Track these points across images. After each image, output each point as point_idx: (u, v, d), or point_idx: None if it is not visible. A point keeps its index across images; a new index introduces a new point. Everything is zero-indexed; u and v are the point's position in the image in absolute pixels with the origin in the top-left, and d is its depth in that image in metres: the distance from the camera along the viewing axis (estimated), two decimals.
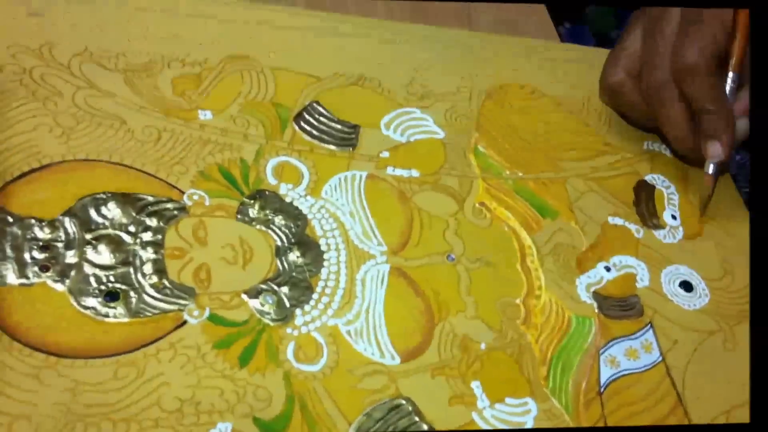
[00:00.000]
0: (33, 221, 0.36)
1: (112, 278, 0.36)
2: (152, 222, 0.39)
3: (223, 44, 0.49)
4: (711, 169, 0.49)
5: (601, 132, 0.54)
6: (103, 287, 0.36)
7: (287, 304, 0.38)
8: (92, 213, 0.38)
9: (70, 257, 0.36)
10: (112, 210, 0.39)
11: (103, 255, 0.37)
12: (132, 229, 0.38)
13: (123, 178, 0.40)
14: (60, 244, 0.36)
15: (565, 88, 0.56)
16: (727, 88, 0.49)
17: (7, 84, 0.41)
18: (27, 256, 0.35)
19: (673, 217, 0.50)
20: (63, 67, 0.43)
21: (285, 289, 0.39)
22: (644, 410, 0.41)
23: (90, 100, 0.43)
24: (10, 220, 0.36)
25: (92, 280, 0.36)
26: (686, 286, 0.47)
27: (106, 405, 0.33)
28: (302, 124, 0.47)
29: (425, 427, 0.37)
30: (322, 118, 0.48)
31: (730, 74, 0.49)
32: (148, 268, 0.37)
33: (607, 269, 0.45)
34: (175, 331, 0.36)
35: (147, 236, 0.38)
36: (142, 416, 0.33)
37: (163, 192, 0.41)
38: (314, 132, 0.47)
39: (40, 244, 0.36)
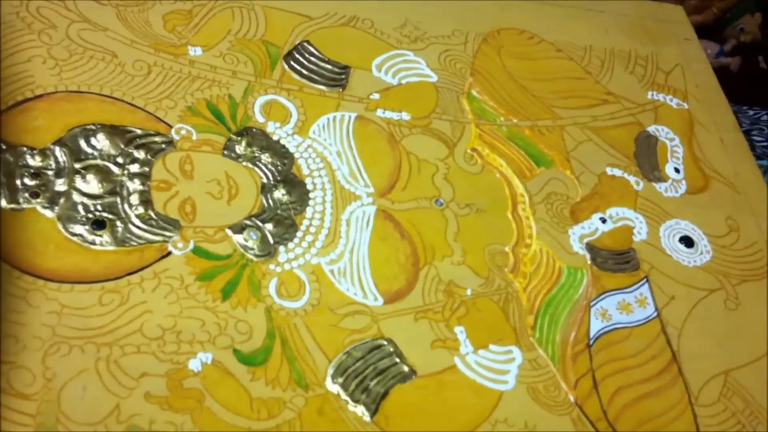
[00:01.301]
0: (25, 149, 0.41)
1: (99, 207, 0.41)
2: (140, 154, 0.43)
3: None
4: None
5: (602, 80, 0.57)
6: (90, 215, 0.40)
7: (271, 241, 0.42)
8: (82, 143, 0.42)
9: (60, 185, 0.41)
10: (101, 141, 0.43)
11: (92, 184, 0.41)
12: (120, 160, 0.43)
13: (113, 110, 0.44)
14: (50, 172, 0.41)
15: (565, 33, 0.59)
16: None
17: (4, 16, 0.46)
18: (18, 182, 0.40)
19: (677, 171, 0.54)
20: (58, 1, 0.47)
21: (269, 226, 0.43)
22: (635, 366, 0.45)
23: (83, 33, 0.47)
24: (3, 147, 0.40)
25: (80, 207, 0.40)
26: (687, 241, 0.50)
27: (90, 329, 0.37)
28: (292, 63, 0.51)
29: (406, 369, 0.41)
30: (312, 58, 0.52)
31: None
32: (134, 198, 0.42)
33: (603, 221, 0.50)
34: (159, 261, 0.40)
35: (134, 168, 0.43)
36: (124, 342, 0.38)
37: (152, 125, 0.45)
38: (304, 71, 0.51)
39: (31, 171, 0.40)
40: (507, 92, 0.54)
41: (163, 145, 0.44)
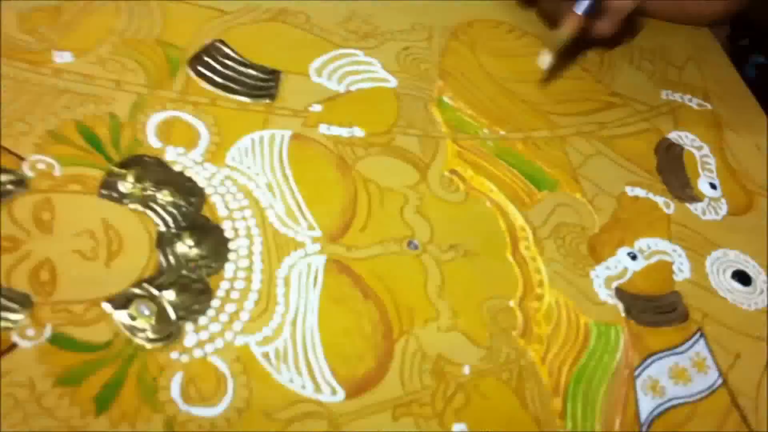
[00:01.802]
0: None
1: None
2: None
3: None
4: (580, 8, 0.41)
5: (604, 79, 0.46)
6: None
7: (172, 316, 0.29)
8: None
9: None
10: None
11: None
12: None
13: None
14: None
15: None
16: None
17: None
18: None
19: (712, 186, 0.42)
20: None
21: (170, 294, 0.30)
22: None
23: None
24: None
25: None
26: (742, 277, 0.38)
27: None
28: (200, 68, 0.38)
29: None
30: (228, 61, 0.39)
31: None
32: None
33: (632, 257, 0.37)
34: None
35: None
36: None
37: None
38: (217, 79, 0.38)
39: None
40: (488, 97, 0.42)
41: (10, 186, 0.31)
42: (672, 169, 0.43)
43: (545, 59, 0.42)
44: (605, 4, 0.41)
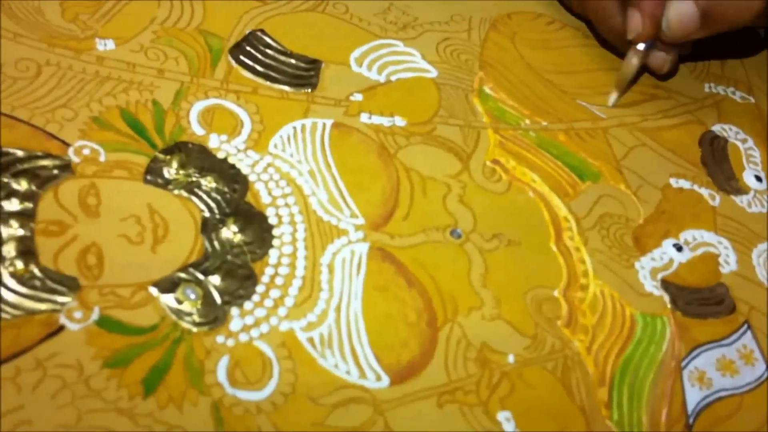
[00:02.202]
0: None
1: None
2: (19, 185, 0.30)
3: None
4: (640, 45, 0.41)
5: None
6: None
7: (218, 301, 0.29)
8: None
9: None
10: None
11: None
12: None
13: None
14: None
15: None
16: None
17: None
18: None
19: (758, 179, 0.42)
20: None
21: (215, 279, 0.30)
22: None
23: None
24: None
25: None
26: None
27: None
28: (242, 57, 0.38)
29: None
30: (269, 51, 0.39)
31: None
32: (8, 249, 0.29)
33: (678, 248, 0.37)
34: (45, 342, 0.27)
35: (11, 205, 0.30)
36: None
37: (39, 144, 0.32)
38: (258, 68, 0.38)
39: None
40: (529, 88, 0.42)
41: (56, 171, 0.31)
42: (717, 161, 0.42)
43: (612, 98, 0.43)
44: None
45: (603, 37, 0.45)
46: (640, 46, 0.41)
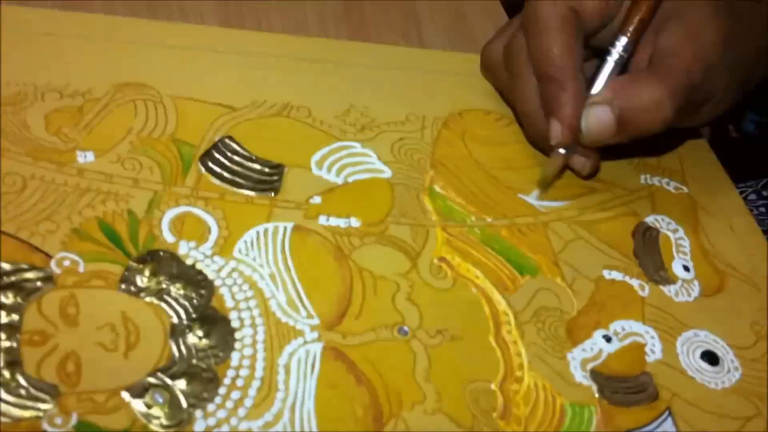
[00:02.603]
0: None
1: None
2: (7, 298, 0.34)
3: (112, 69, 0.44)
4: (561, 150, 0.44)
5: None
6: None
7: (184, 404, 0.33)
8: None
9: None
10: None
11: None
12: None
13: None
14: None
15: None
16: (611, 60, 0.45)
17: None
18: None
19: (686, 269, 0.46)
20: None
21: (181, 383, 0.33)
22: None
23: None
24: None
25: None
26: (710, 357, 0.42)
27: None
28: (210, 164, 0.42)
29: None
30: (236, 157, 0.43)
31: (620, 39, 0.45)
32: None
33: (607, 339, 0.41)
34: None
35: None
36: None
37: (24, 257, 0.36)
38: (225, 174, 0.42)
39: None
40: (476, 185, 0.46)
41: (39, 283, 0.35)
42: (648, 252, 0.46)
43: (534, 194, 0.47)
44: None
45: (522, 126, 0.49)
46: (561, 151, 0.45)
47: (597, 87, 0.44)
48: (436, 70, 0.52)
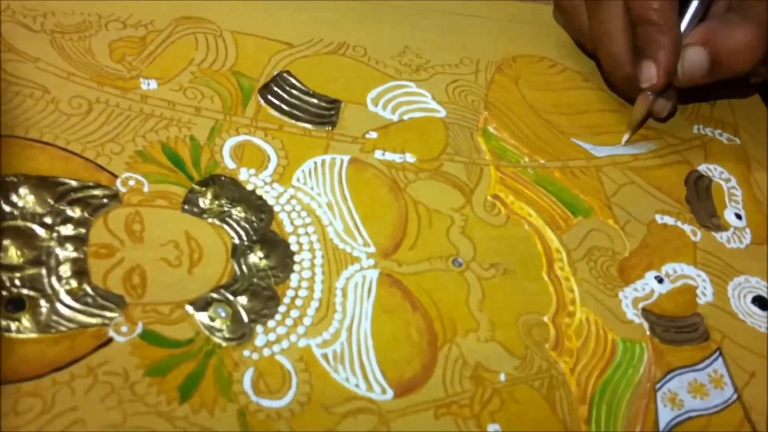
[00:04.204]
0: None
1: (17, 281, 0.32)
2: (74, 212, 0.34)
3: (173, 3, 0.45)
4: (649, 93, 0.45)
5: None
6: (5, 293, 0.31)
7: (245, 319, 0.33)
8: None
9: None
10: (25, 196, 0.34)
11: (8, 252, 0.32)
12: (48, 220, 0.34)
13: (41, 157, 0.36)
14: None
15: (590, 61, 0.51)
16: (690, 10, 0.45)
17: None
18: None
19: (738, 217, 0.45)
20: None
21: (243, 300, 0.34)
22: None
23: (8, 65, 0.38)
24: None
25: None
26: (761, 302, 0.42)
27: None
28: (269, 97, 0.42)
29: None
30: (294, 91, 0.43)
31: None
32: (65, 269, 0.33)
33: (659, 280, 0.41)
34: (96, 352, 0.31)
35: (66, 230, 0.34)
36: None
37: (91, 176, 0.36)
38: (284, 107, 0.42)
39: None
40: (530, 128, 0.46)
41: (105, 200, 0.35)
42: (700, 200, 0.46)
43: (625, 137, 0.47)
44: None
45: (605, 71, 0.49)
46: (650, 94, 0.45)
47: (683, 28, 0.45)
48: (491, 17, 0.52)
